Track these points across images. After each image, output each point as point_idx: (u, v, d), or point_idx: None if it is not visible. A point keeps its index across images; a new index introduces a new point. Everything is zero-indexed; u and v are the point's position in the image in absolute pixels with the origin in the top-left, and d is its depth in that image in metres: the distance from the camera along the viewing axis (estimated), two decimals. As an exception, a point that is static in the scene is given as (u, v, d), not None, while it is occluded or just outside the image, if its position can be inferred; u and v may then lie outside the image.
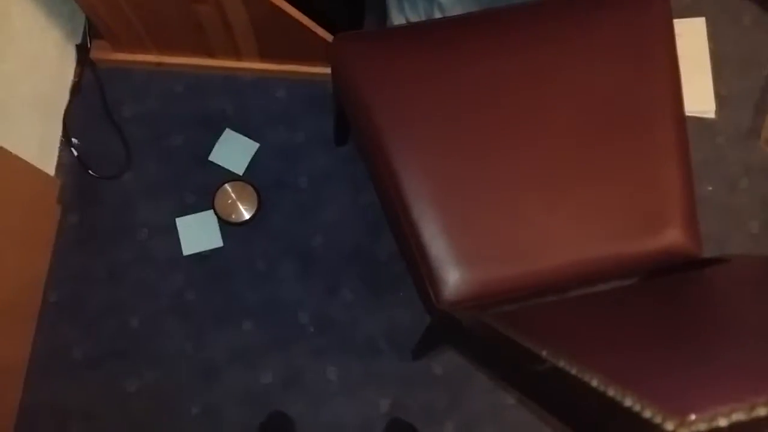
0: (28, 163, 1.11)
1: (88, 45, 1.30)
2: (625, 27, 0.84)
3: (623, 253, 0.79)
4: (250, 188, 1.24)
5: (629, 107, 0.82)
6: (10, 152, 1.03)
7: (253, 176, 1.27)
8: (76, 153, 1.26)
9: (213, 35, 1.20)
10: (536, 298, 0.79)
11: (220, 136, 1.29)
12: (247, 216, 1.22)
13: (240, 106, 1.32)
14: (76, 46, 1.30)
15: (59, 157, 1.25)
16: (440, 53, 0.81)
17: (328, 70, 0.83)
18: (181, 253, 1.22)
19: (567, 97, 0.82)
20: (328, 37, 1.18)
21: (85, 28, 1.30)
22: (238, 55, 1.29)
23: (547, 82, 0.82)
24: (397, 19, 1.29)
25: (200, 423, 1.15)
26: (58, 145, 1.26)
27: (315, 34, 1.16)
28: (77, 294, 1.21)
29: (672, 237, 0.79)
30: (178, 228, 1.23)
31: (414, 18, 1.27)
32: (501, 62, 0.82)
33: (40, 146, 1.21)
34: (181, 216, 1.24)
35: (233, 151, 1.28)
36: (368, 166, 0.87)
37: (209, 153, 1.28)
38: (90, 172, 1.26)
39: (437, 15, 1.27)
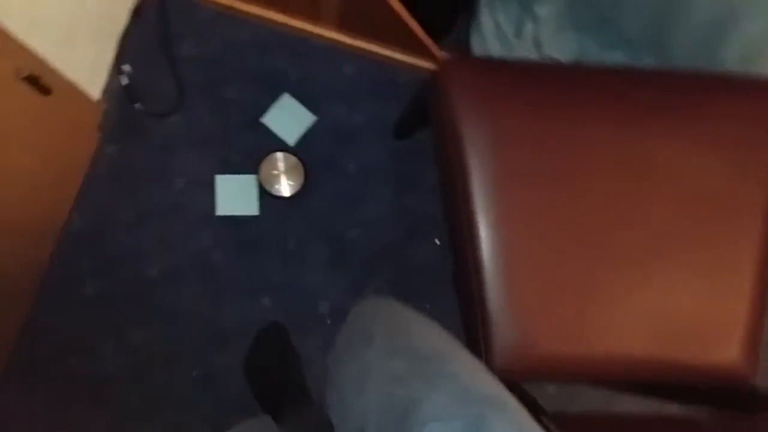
0: (74, 83, 1.05)
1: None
2: (744, 125, 0.79)
3: (678, 360, 0.76)
4: (299, 164, 1.19)
5: (722, 212, 0.78)
6: (57, 69, 0.97)
7: (303, 150, 1.21)
8: (125, 81, 1.19)
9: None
10: (580, 381, 0.77)
11: (278, 99, 1.23)
12: (289, 192, 1.18)
13: (304, 72, 1.25)
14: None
15: (108, 83, 1.18)
16: (554, 109, 0.76)
17: (403, 57, 0.77)
18: (214, 212, 1.18)
19: (665, 185, 0.78)
20: (415, 26, 1.11)
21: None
22: (315, 17, 1.21)
23: (651, 164, 0.78)
24: (484, 18, 1.21)
25: (197, 387, 1.14)
26: (108, 69, 1.19)
27: (401, 18, 1.09)
28: (100, 228, 1.17)
29: (728, 354, 0.77)
30: (216, 186, 1.19)
31: (503, 21, 1.19)
32: (611, 133, 0.77)
33: (91, 68, 1.14)
34: (222, 174, 1.19)
35: (288, 118, 1.22)
36: (444, 192, 0.83)
37: (262, 114, 1.22)
38: (136, 105, 1.20)
39: (528, 24, 1.19)
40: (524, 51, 1.15)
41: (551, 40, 1.11)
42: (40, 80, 0.91)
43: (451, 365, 0.55)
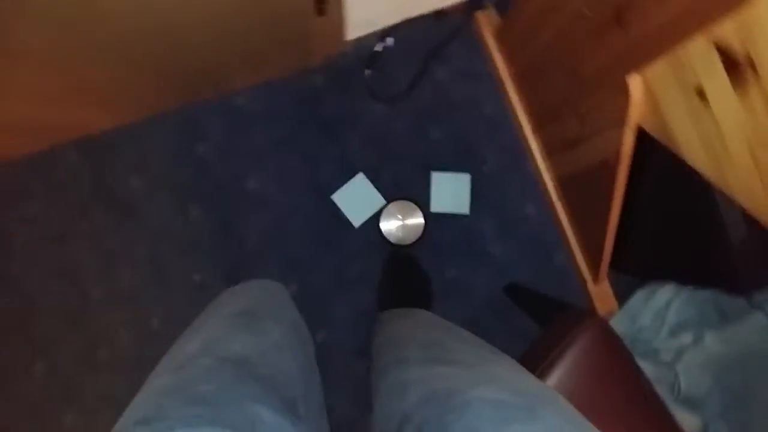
0: (345, 18, 1.06)
1: None
2: None
3: None
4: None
5: None
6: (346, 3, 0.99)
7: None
8: (378, 48, 1.23)
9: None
10: None
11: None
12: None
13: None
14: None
15: (365, 37, 1.21)
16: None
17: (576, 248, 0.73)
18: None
19: None
20: (609, 242, 1.05)
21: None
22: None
23: None
24: (656, 300, 1.13)
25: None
26: (376, 29, 1.21)
27: (606, 226, 1.04)
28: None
29: None
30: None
31: (667, 316, 1.11)
32: None
33: (368, 19, 1.16)
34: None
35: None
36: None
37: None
38: (366, 72, 1.22)
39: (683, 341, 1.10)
40: (660, 351, 1.07)
41: (690, 371, 1.03)
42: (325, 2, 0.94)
43: (496, 368, 0.54)
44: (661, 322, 1.10)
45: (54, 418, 1.14)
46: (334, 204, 1.20)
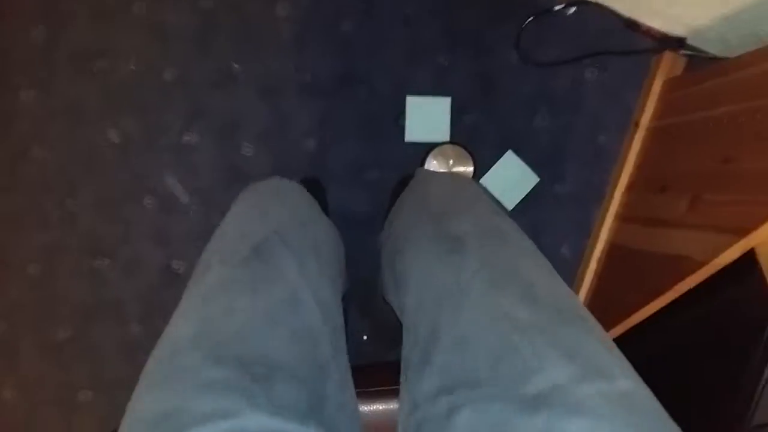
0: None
1: None
2: None
3: None
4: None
5: None
6: None
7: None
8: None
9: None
10: None
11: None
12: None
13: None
14: None
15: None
16: None
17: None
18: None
19: None
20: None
21: None
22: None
23: None
24: None
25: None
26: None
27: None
28: None
29: None
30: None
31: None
32: None
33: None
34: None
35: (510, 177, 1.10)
36: None
37: None
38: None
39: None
40: None
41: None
42: None
43: (590, 333, 0.40)
44: None
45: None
46: (403, 106, 1.09)
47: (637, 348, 0.91)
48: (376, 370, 0.64)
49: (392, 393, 0.62)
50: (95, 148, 1.07)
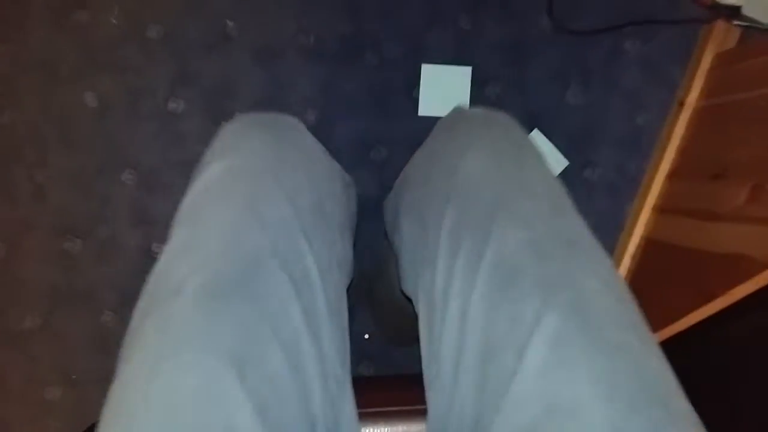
0: None
1: None
2: None
3: None
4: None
5: None
6: None
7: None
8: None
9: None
10: None
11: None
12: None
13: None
14: None
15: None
16: None
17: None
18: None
19: None
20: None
21: None
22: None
23: None
24: None
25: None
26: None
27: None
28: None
29: None
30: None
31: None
32: None
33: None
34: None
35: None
36: None
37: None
38: None
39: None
40: None
41: None
42: None
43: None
44: None
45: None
46: (418, 75, 0.96)
47: (679, 362, 0.79)
48: (383, 385, 0.52)
49: (401, 414, 0.50)
50: (69, 113, 0.95)
